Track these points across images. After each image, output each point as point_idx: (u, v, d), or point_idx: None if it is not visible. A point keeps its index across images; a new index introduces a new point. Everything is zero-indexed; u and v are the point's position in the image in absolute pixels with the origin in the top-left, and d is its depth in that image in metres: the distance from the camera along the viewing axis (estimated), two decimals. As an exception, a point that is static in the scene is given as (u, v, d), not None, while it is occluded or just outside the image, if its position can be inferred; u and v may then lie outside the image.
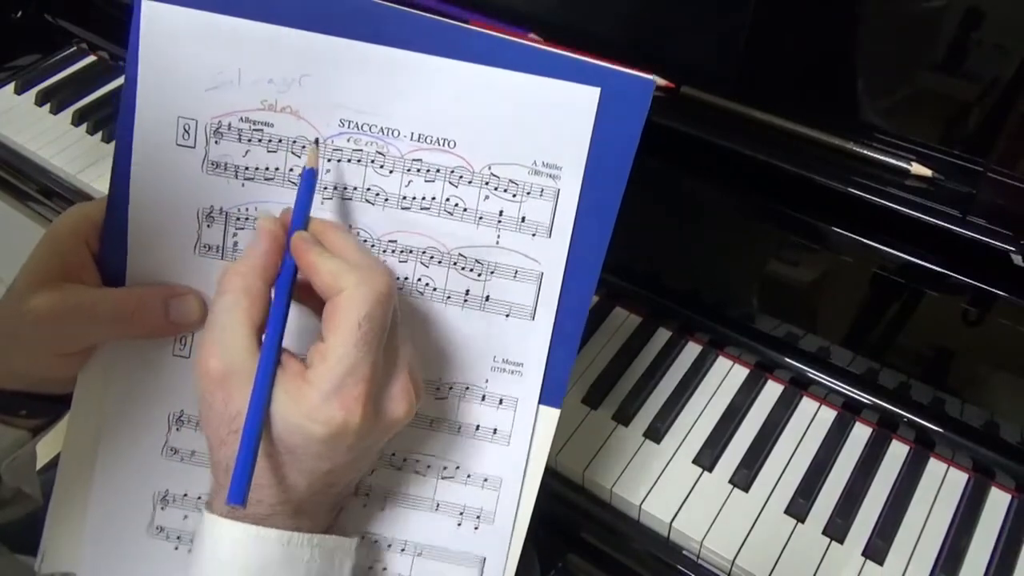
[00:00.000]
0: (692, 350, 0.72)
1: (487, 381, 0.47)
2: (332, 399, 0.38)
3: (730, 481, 0.64)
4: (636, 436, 0.66)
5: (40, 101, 0.98)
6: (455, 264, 0.45)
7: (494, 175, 0.45)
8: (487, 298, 0.46)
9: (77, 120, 0.95)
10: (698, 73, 0.67)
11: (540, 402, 0.47)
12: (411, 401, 0.41)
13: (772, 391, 0.70)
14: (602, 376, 0.70)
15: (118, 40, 1.01)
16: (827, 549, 0.60)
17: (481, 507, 0.47)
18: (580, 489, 0.65)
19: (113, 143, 0.45)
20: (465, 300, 0.46)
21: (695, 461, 0.65)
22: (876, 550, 0.59)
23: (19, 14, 1.05)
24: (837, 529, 0.61)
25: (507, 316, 0.46)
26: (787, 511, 0.62)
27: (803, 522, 0.61)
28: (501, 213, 0.45)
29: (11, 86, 0.99)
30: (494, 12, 0.72)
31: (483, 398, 0.47)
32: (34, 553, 0.48)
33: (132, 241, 0.45)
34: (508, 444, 0.47)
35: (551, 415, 0.47)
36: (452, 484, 0.47)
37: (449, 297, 0.46)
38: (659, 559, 0.62)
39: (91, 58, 1.04)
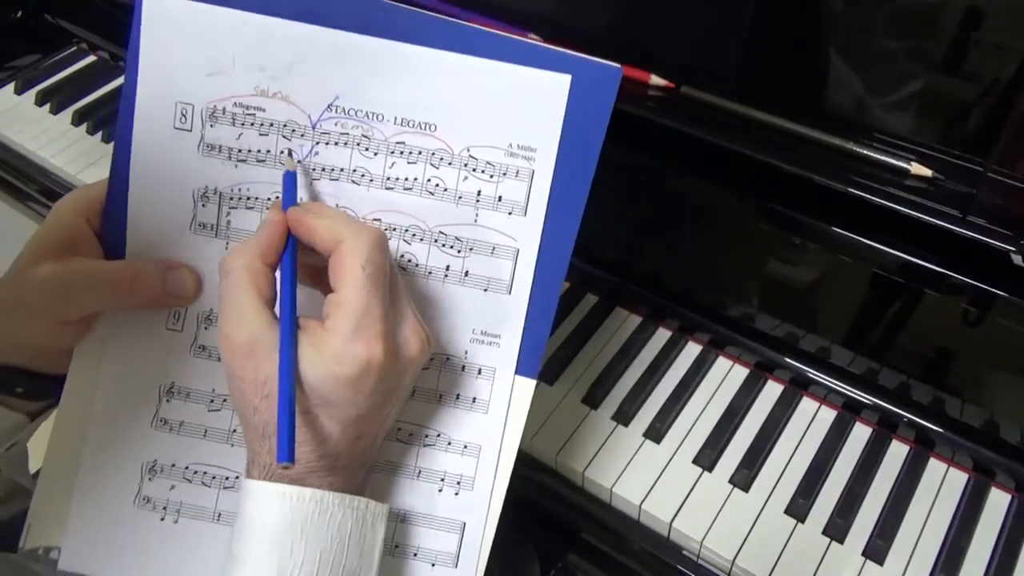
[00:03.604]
0: (692, 350, 0.72)
1: (467, 352, 0.49)
2: (353, 340, 0.41)
3: (730, 481, 0.64)
4: (636, 436, 0.66)
5: (40, 101, 0.98)
6: (436, 241, 0.48)
7: (472, 157, 0.47)
8: (466, 273, 0.48)
9: (77, 120, 0.95)
10: (698, 73, 0.67)
11: (517, 372, 0.49)
12: (422, 339, 0.44)
13: (772, 391, 0.70)
14: (602, 376, 0.70)
15: (118, 40, 1.01)
16: (827, 549, 0.60)
17: (461, 473, 0.49)
18: (580, 489, 0.65)
19: (113, 143, 0.47)
20: (446, 275, 0.48)
21: (695, 461, 0.65)
22: (876, 550, 0.59)
23: (19, 14, 1.05)
24: (837, 529, 0.61)
25: (485, 290, 0.48)
26: (787, 511, 0.62)
27: (803, 522, 0.61)
28: (479, 193, 0.47)
29: (11, 86, 0.99)
30: (494, 12, 0.72)
31: (463, 368, 0.49)
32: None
33: (131, 219, 0.48)
34: (487, 412, 0.49)
35: (527, 385, 0.49)
36: (433, 451, 0.49)
37: (431, 272, 0.48)
38: (659, 559, 0.62)
39: (91, 58, 1.04)
